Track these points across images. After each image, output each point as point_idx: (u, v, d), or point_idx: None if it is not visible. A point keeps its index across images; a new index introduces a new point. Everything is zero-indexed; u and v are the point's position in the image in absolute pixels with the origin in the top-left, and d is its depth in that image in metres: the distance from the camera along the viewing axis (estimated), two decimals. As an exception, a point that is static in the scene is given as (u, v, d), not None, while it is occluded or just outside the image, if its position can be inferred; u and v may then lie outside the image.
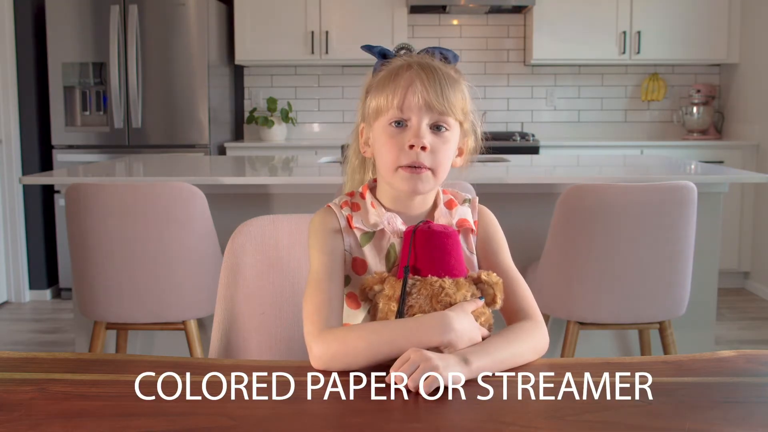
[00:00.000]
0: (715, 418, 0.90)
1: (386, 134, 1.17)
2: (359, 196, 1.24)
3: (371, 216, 1.20)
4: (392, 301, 1.10)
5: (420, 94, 1.14)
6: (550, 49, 4.96)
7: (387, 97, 1.16)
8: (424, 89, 1.14)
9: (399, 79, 1.16)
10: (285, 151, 4.88)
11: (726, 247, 4.63)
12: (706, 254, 2.83)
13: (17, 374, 1.04)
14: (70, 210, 2.38)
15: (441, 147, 1.16)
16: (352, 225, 1.20)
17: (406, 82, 1.15)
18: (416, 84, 1.15)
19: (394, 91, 1.16)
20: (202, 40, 4.55)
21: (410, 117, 1.15)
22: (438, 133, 1.16)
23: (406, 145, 1.14)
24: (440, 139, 1.16)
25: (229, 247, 1.40)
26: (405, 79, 1.16)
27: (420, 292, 1.09)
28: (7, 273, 4.60)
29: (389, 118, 1.16)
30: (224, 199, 2.77)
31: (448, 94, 1.15)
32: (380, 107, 1.17)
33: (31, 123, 4.61)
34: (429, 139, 1.14)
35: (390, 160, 1.16)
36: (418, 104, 1.14)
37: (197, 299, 2.44)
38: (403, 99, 1.15)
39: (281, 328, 1.45)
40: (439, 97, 1.14)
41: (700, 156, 4.71)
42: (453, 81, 1.18)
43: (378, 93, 1.18)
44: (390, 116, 1.16)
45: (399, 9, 4.91)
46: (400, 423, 0.89)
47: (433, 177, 1.16)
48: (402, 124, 1.16)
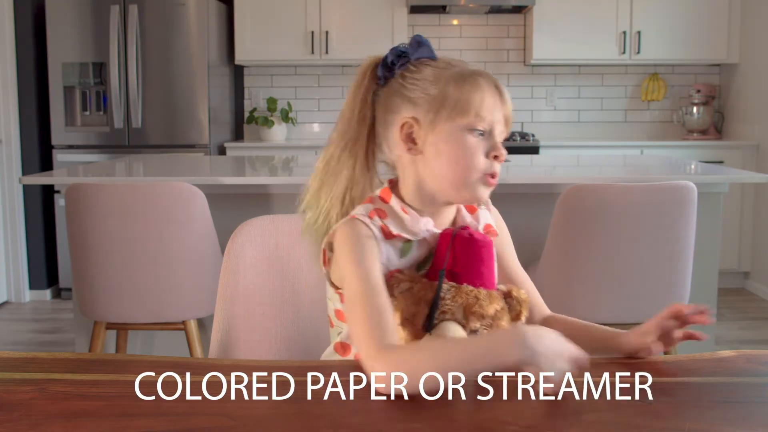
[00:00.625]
0: (715, 418, 0.90)
1: (468, 141, 1.11)
2: (379, 200, 1.16)
3: (408, 223, 1.13)
4: (422, 303, 1.06)
5: (506, 109, 1.14)
6: (550, 49, 4.96)
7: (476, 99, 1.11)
8: (506, 106, 1.14)
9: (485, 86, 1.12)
10: (285, 151, 4.88)
11: (726, 247, 4.63)
12: (706, 254, 2.83)
13: (17, 374, 1.04)
14: (70, 210, 2.38)
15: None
16: (389, 234, 1.12)
17: (495, 93, 1.13)
18: (502, 97, 1.13)
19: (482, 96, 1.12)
20: (202, 40, 4.55)
21: (493, 128, 1.12)
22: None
23: (491, 154, 1.12)
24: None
25: (229, 247, 1.40)
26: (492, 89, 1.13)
27: (454, 300, 1.06)
28: (7, 273, 4.60)
29: (471, 124, 1.11)
30: (224, 199, 2.77)
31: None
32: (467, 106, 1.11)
33: (31, 123, 4.61)
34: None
35: (470, 168, 1.11)
36: (501, 117, 1.13)
37: (197, 299, 2.44)
38: (493, 108, 1.12)
39: (281, 328, 1.45)
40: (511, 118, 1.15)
41: (700, 156, 4.71)
42: None
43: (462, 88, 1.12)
44: (477, 122, 1.11)
45: (399, 9, 4.91)
46: (400, 423, 0.89)
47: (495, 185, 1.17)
48: (483, 134, 1.12)
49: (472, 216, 1.21)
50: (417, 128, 1.13)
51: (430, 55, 1.17)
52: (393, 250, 1.12)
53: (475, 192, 1.13)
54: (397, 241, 1.13)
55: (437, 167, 1.12)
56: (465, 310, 1.06)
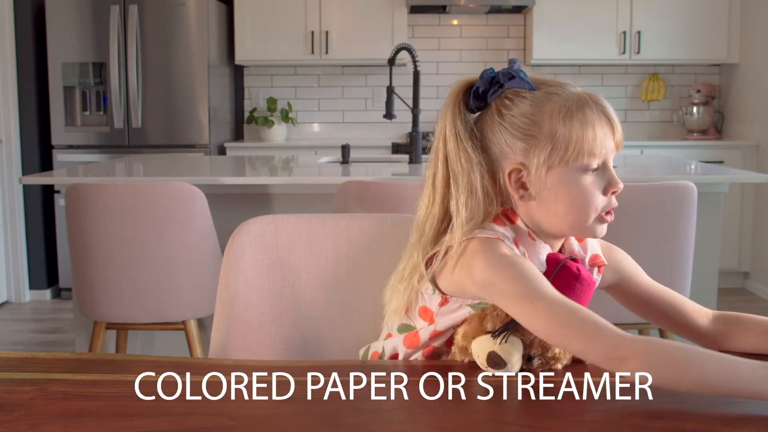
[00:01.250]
0: (715, 418, 0.90)
1: (584, 183, 1.07)
2: (508, 220, 1.12)
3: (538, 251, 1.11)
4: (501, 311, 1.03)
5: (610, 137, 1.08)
6: (550, 49, 4.96)
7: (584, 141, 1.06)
8: (617, 130, 1.08)
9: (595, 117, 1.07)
10: (285, 151, 4.88)
11: (726, 247, 4.63)
12: (706, 254, 2.83)
13: (17, 374, 1.04)
14: (70, 210, 2.38)
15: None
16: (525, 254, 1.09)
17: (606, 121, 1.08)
18: (612, 123, 1.08)
19: (593, 137, 1.06)
20: (202, 40, 4.55)
21: (607, 160, 1.08)
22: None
23: (609, 191, 1.08)
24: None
25: (229, 247, 1.40)
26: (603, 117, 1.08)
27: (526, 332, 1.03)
28: (7, 273, 4.60)
29: (586, 164, 1.07)
30: (224, 199, 2.77)
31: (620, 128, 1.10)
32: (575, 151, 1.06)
33: (31, 123, 4.61)
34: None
35: (590, 209, 1.08)
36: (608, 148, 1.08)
37: (197, 299, 2.44)
38: (602, 142, 1.07)
39: (281, 328, 1.45)
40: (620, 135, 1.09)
41: (700, 156, 4.71)
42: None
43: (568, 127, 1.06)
44: (588, 163, 1.07)
45: (399, 9, 4.91)
46: (400, 423, 0.89)
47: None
48: (597, 170, 1.08)
49: (581, 244, 1.17)
50: (526, 174, 1.09)
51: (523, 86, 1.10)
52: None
53: (593, 232, 1.10)
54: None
55: (553, 212, 1.09)
56: (535, 338, 1.04)
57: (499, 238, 1.08)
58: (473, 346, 1.05)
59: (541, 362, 1.05)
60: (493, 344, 1.03)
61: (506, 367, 1.03)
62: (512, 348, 1.03)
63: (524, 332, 1.04)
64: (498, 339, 1.03)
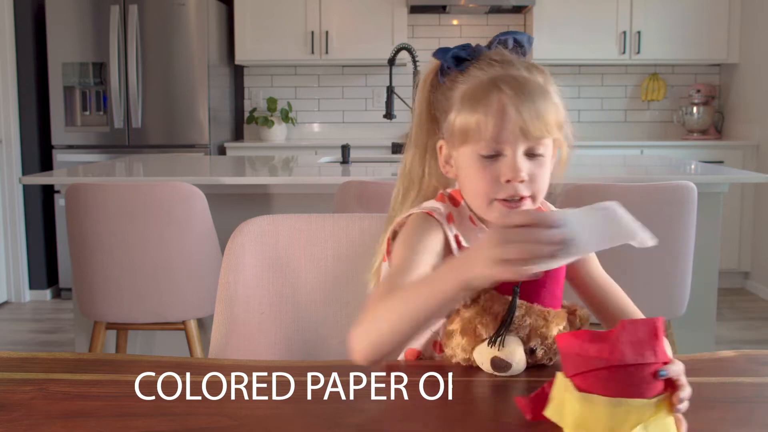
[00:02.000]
0: (715, 418, 0.90)
1: (477, 166, 1.05)
2: (450, 202, 1.12)
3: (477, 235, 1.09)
4: (488, 315, 1.03)
5: (516, 122, 1.02)
6: (550, 49, 4.95)
7: (478, 123, 1.04)
8: (519, 117, 1.02)
9: (489, 103, 1.03)
10: (285, 151, 4.88)
11: (726, 247, 4.63)
12: (706, 254, 2.83)
13: (17, 374, 1.04)
14: (70, 210, 2.38)
15: (539, 172, 1.05)
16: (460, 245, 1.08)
17: (499, 108, 1.02)
18: (510, 110, 1.02)
19: (485, 118, 1.03)
20: (202, 40, 4.55)
21: (505, 147, 1.03)
22: (534, 157, 1.05)
23: (503, 179, 1.04)
24: (536, 163, 1.05)
25: (229, 247, 1.40)
26: (496, 103, 1.03)
27: (523, 319, 1.03)
28: (7, 273, 4.60)
29: (480, 149, 1.04)
30: (224, 199, 2.77)
31: (544, 113, 1.03)
32: (470, 133, 1.05)
33: (31, 123, 4.61)
34: (526, 168, 1.03)
35: (484, 194, 1.06)
36: (514, 134, 1.02)
37: (197, 299, 2.44)
38: (497, 129, 1.02)
39: (281, 328, 1.45)
40: (536, 122, 1.02)
41: (700, 156, 4.71)
42: (545, 94, 1.06)
43: (464, 113, 1.06)
44: (481, 148, 1.04)
45: (399, 9, 4.91)
46: (400, 423, 0.89)
47: (532, 203, 1.07)
48: (495, 155, 1.04)
49: None
50: (447, 149, 1.11)
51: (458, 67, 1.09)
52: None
53: (492, 215, 1.07)
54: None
55: (464, 190, 1.11)
56: (531, 331, 1.04)
57: (429, 212, 1.09)
58: (475, 356, 1.05)
59: (544, 350, 1.06)
60: (493, 350, 1.03)
61: (512, 367, 1.03)
62: (512, 348, 1.03)
63: (518, 327, 1.04)
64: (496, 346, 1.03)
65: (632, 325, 0.79)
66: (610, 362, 0.78)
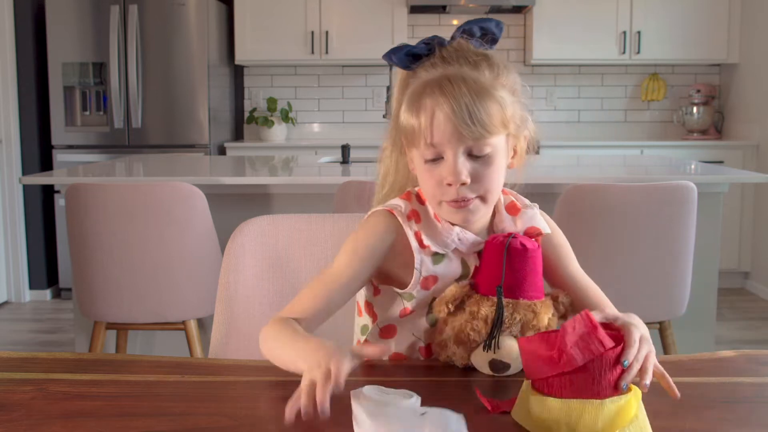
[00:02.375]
0: (715, 418, 0.90)
1: (423, 168, 1.06)
2: (417, 200, 1.12)
3: (441, 232, 1.08)
4: (477, 320, 1.03)
5: (446, 127, 1.01)
6: (550, 49, 4.96)
7: (414, 127, 1.04)
8: (449, 122, 1.00)
9: (422, 107, 1.03)
10: (285, 151, 4.88)
11: (726, 247, 4.63)
12: (706, 254, 2.83)
13: (17, 374, 1.04)
14: (70, 210, 2.38)
15: (485, 171, 1.04)
16: (422, 243, 1.08)
17: (430, 113, 1.02)
18: (439, 115, 1.01)
19: (419, 123, 1.03)
20: (202, 40, 4.55)
21: (443, 151, 1.02)
22: (479, 158, 1.03)
23: (444, 182, 1.03)
24: (481, 163, 1.03)
25: (229, 247, 1.40)
26: (428, 109, 1.02)
27: (513, 316, 1.03)
28: (7, 273, 4.60)
29: (422, 153, 1.05)
30: (224, 199, 2.77)
31: (481, 114, 1.01)
32: (411, 137, 1.06)
33: (31, 123, 4.61)
34: (467, 170, 1.02)
35: (431, 195, 1.07)
36: (447, 137, 1.01)
37: (197, 299, 2.44)
38: (430, 134, 1.02)
39: (281, 328, 1.44)
40: (470, 125, 1.00)
41: (700, 156, 4.71)
42: (484, 93, 1.02)
43: (407, 114, 1.06)
44: (422, 151, 1.04)
45: (399, 9, 4.91)
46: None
47: (483, 203, 1.06)
48: (437, 159, 1.03)
49: (513, 218, 1.14)
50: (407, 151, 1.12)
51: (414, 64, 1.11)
52: (426, 256, 1.09)
53: (444, 215, 1.07)
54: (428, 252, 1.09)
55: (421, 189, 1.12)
56: (523, 326, 1.04)
57: (389, 209, 1.11)
58: (472, 361, 1.06)
59: None
60: (490, 352, 1.03)
61: (511, 367, 1.03)
62: (508, 348, 1.03)
63: (510, 324, 1.04)
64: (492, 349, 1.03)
65: (571, 326, 0.83)
66: (562, 368, 0.82)
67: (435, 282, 1.10)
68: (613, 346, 0.83)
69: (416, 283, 1.10)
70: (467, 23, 1.13)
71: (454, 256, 1.10)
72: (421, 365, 1.12)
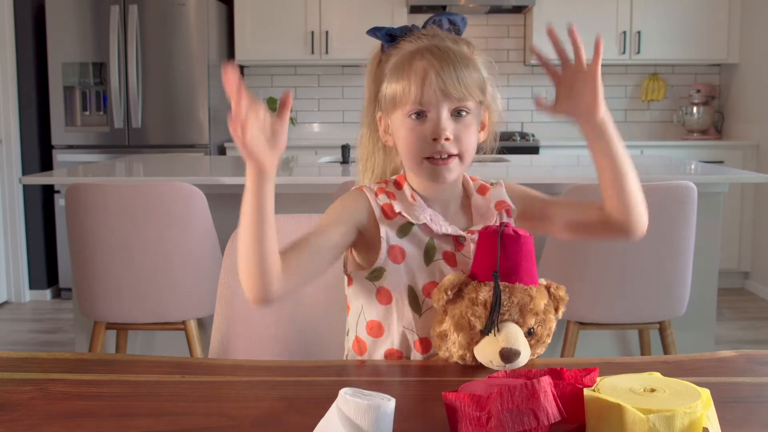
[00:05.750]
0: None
1: (406, 127, 1.15)
2: (393, 185, 1.21)
3: (415, 209, 1.18)
4: (477, 306, 1.06)
5: (437, 84, 1.12)
6: (551, 49, 4.94)
7: (403, 88, 1.14)
8: (440, 79, 1.12)
9: (413, 69, 1.13)
10: (285, 151, 4.86)
11: (726, 247, 4.63)
12: (706, 254, 2.83)
13: (17, 374, 1.04)
14: (70, 210, 2.38)
15: (464, 132, 1.14)
16: (391, 212, 1.17)
17: (421, 73, 1.13)
18: (431, 74, 1.12)
19: (409, 83, 1.13)
20: (202, 40, 4.55)
21: (429, 108, 1.13)
22: (459, 118, 1.14)
23: (429, 137, 1.13)
24: (462, 124, 1.14)
25: (229, 247, 1.40)
26: (419, 69, 1.13)
27: (510, 300, 1.06)
28: (7, 273, 4.60)
29: (408, 110, 1.14)
30: (224, 199, 2.77)
31: (465, 77, 1.13)
32: (397, 98, 1.15)
33: (31, 123, 4.61)
34: (451, 128, 1.13)
35: (414, 153, 1.15)
36: (436, 95, 1.12)
37: (197, 299, 2.44)
38: (420, 91, 1.12)
39: (281, 328, 1.45)
40: (456, 84, 1.12)
41: (700, 156, 4.71)
42: (467, 61, 1.15)
43: (392, 82, 1.16)
44: (408, 109, 1.14)
45: (399, 9, 4.91)
46: (398, 423, 0.89)
47: (460, 163, 1.15)
48: (422, 116, 1.13)
49: (485, 197, 1.23)
50: (385, 119, 1.20)
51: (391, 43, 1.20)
52: (391, 229, 1.17)
53: (423, 173, 1.16)
54: (398, 221, 1.17)
55: (401, 154, 1.19)
56: (521, 310, 1.06)
57: (360, 186, 1.21)
58: (478, 355, 1.05)
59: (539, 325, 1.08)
60: (496, 342, 1.03)
61: (521, 354, 1.03)
62: (513, 334, 1.04)
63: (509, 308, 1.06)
64: (493, 332, 1.03)
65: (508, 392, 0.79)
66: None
67: (403, 256, 1.15)
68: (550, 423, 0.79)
69: (384, 253, 1.15)
70: (436, 15, 1.24)
71: (424, 234, 1.17)
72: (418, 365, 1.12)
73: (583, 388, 0.84)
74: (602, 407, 0.81)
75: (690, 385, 0.84)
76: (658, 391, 0.83)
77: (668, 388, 0.84)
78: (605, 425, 0.80)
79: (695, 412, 0.78)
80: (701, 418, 0.79)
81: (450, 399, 0.82)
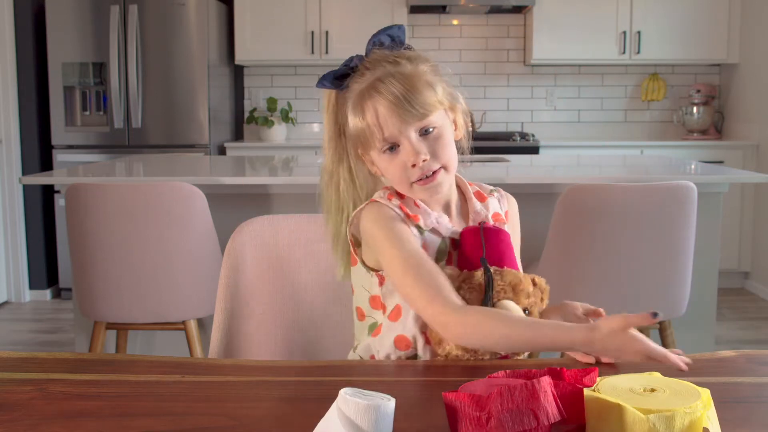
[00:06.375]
0: (715, 418, 0.90)
1: (384, 161, 1.18)
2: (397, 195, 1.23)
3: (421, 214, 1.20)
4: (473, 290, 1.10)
5: (393, 117, 1.14)
6: (550, 49, 4.95)
7: (365, 131, 1.16)
8: (393, 112, 1.14)
9: (366, 111, 1.16)
10: (285, 151, 4.88)
11: (726, 247, 4.63)
12: (706, 254, 2.83)
13: (17, 374, 1.04)
14: (70, 210, 2.38)
15: (438, 145, 1.16)
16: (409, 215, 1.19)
17: (374, 112, 1.15)
18: (383, 111, 1.14)
19: (368, 125, 1.15)
20: (202, 40, 4.55)
21: (397, 140, 1.15)
22: (428, 135, 1.16)
23: (408, 164, 1.15)
24: (433, 139, 1.16)
25: (229, 247, 1.40)
26: (371, 110, 1.15)
27: (504, 280, 1.11)
28: (7, 273, 4.60)
29: (379, 148, 1.17)
30: (224, 199, 2.77)
31: (416, 98, 1.14)
32: (363, 141, 1.18)
33: (31, 123, 4.61)
34: (424, 148, 1.15)
35: (401, 181, 1.18)
36: (396, 127, 1.14)
37: (197, 299, 2.44)
38: (380, 130, 1.15)
39: (281, 328, 1.45)
40: (411, 109, 1.14)
41: (700, 156, 4.71)
42: (413, 79, 1.16)
43: (355, 125, 1.18)
44: (379, 147, 1.16)
45: (399, 9, 4.91)
46: (398, 423, 0.89)
47: (446, 172, 1.18)
48: (394, 149, 1.16)
49: (483, 204, 1.26)
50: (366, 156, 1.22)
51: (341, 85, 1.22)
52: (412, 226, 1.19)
53: (417, 195, 1.19)
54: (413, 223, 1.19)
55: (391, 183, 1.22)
56: (514, 289, 1.11)
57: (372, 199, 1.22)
58: None
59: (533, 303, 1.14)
60: None
61: None
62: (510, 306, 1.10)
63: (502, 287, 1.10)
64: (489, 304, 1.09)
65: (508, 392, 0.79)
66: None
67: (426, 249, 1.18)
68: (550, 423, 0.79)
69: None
70: (375, 35, 1.27)
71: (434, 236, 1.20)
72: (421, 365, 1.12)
73: (583, 388, 0.85)
74: (602, 407, 0.81)
75: (690, 385, 0.84)
76: (658, 391, 0.83)
77: (668, 388, 0.84)
78: (605, 425, 0.80)
79: (695, 412, 0.79)
80: (701, 418, 0.79)
81: (450, 399, 0.82)
